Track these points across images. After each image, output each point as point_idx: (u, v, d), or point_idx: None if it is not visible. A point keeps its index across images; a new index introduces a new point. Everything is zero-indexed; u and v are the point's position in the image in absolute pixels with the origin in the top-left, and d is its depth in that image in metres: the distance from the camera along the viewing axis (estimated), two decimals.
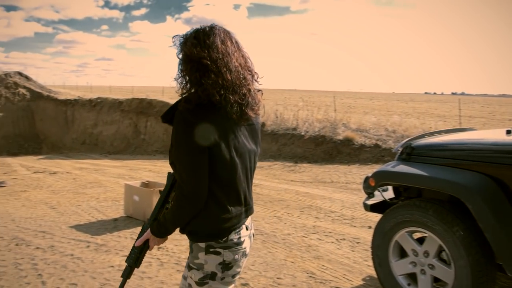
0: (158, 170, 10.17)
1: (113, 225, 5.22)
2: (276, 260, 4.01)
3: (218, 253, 1.57)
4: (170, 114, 1.57)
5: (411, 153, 3.12)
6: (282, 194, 7.05)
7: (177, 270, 3.75)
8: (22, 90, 24.05)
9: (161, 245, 4.35)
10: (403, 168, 3.07)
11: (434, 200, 2.91)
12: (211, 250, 1.57)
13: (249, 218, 1.73)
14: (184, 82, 1.56)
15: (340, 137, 11.50)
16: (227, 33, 1.60)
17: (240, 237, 1.62)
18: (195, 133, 1.47)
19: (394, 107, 31.36)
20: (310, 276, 3.66)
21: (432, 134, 3.66)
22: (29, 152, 20.29)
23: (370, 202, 3.41)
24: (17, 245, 4.48)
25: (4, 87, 23.82)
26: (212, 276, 1.58)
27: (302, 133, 12.31)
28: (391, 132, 11.54)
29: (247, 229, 1.68)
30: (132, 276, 3.60)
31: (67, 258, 4.04)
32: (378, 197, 3.40)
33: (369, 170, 9.18)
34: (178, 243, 4.44)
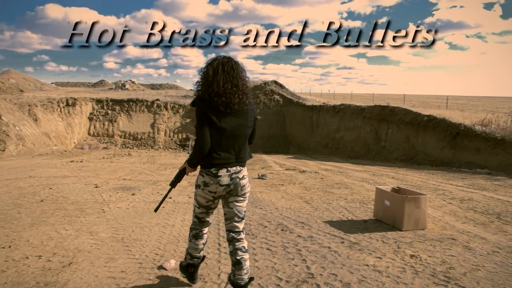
0: (402, 178, 10.01)
1: (364, 226, 5.43)
2: None
3: (203, 176, 2.92)
4: (193, 102, 2.87)
5: None
6: None
7: (433, 282, 3.64)
8: (276, 97, 27.45)
9: (413, 253, 4.31)
10: None
11: None
12: (201, 173, 2.95)
13: (238, 167, 2.93)
14: (196, 89, 2.90)
15: None
16: (222, 64, 2.84)
17: (217, 172, 2.86)
18: (201, 112, 2.79)
19: None
20: None
21: None
22: (279, 151, 22.91)
23: None
24: (282, 230, 5.14)
25: (263, 94, 27.68)
26: (198, 186, 2.99)
27: None
28: None
29: (227, 171, 2.88)
30: (387, 279, 3.66)
31: (325, 250, 4.42)
32: None
33: None
34: (431, 254, 4.32)
